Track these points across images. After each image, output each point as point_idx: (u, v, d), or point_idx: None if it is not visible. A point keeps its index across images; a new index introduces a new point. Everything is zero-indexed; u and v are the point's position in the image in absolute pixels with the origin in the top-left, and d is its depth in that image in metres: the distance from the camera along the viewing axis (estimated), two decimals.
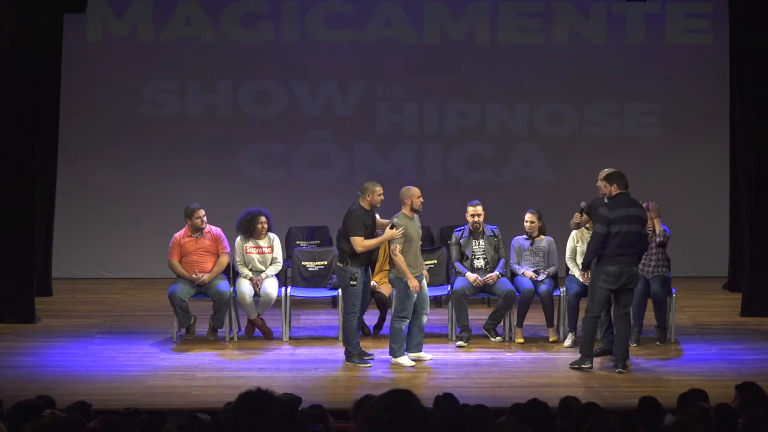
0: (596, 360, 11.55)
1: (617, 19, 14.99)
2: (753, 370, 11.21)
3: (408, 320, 11.64)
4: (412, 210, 11.68)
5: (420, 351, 11.83)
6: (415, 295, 11.58)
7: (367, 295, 11.98)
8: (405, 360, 11.62)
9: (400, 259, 11.52)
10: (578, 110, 15.15)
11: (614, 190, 11.47)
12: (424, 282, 11.84)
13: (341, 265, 11.69)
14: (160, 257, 13.04)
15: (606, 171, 11.75)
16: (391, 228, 11.56)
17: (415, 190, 11.71)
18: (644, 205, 12.05)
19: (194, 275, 12.32)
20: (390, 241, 11.61)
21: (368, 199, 11.70)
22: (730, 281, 14.61)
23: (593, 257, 11.55)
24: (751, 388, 8.16)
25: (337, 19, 14.91)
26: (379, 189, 11.71)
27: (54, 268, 14.28)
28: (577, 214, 12.31)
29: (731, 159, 14.56)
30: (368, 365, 11.59)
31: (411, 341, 11.76)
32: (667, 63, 15.06)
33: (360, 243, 11.51)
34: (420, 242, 11.87)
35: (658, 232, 12.25)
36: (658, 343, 12.28)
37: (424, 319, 11.79)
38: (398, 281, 11.58)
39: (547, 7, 14.98)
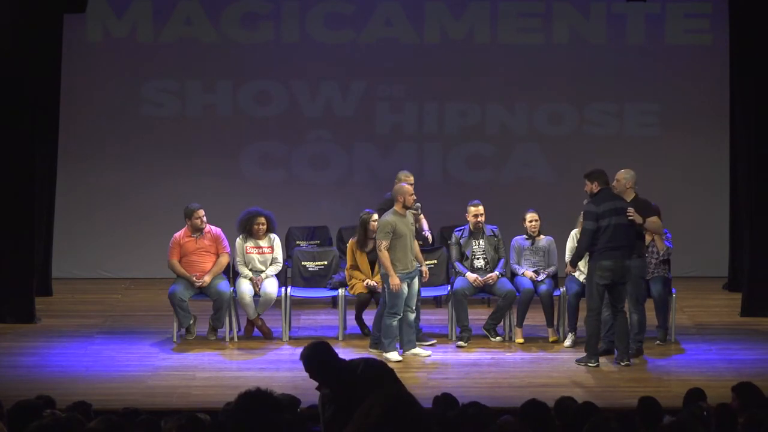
0: (600, 359, 11.58)
1: (617, 19, 14.99)
2: (753, 370, 11.21)
3: (399, 316, 11.68)
4: (404, 207, 11.71)
5: (413, 348, 11.86)
6: (405, 291, 11.62)
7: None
8: (393, 356, 11.67)
9: (384, 255, 11.58)
10: (578, 110, 15.15)
11: (595, 187, 11.55)
12: (416, 280, 11.88)
13: None
14: (160, 257, 13.04)
15: (624, 172, 11.83)
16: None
17: (408, 188, 11.77)
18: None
19: (195, 278, 12.32)
20: (376, 238, 11.67)
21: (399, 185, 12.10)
22: (730, 281, 14.61)
23: (583, 254, 11.66)
24: (748, 388, 8.14)
25: (337, 19, 14.91)
26: (411, 178, 12.33)
27: (54, 268, 14.29)
28: None
29: (731, 159, 14.56)
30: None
31: (402, 339, 11.80)
32: (667, 63, 15.06)
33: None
34: (414, 240, 11.94)
35: (661, 249, 12.18)
36: (658, 342, 12.27)
37: (411, 316, 11.81)
38: (387, 277, 11.62)
39: (547, 7, 14.98)
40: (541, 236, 12.67)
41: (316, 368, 7.46)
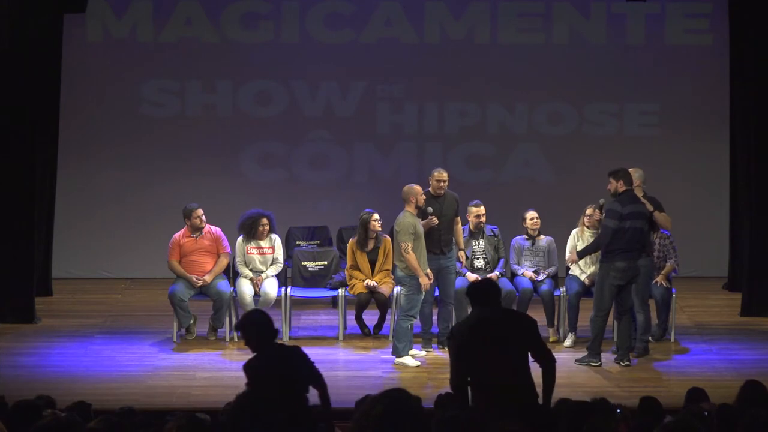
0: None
1: (617, 19, 14.99)
2: (753, 370, 11.20)
3: (416, 319, 11.65)
4: (417, 208, 11.70)
5: (410, 349, 11.83)
6: (424, 294, 11.60)
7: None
8: (409, 360, 11.63)
9: (411, 257, 11.50)
10: (578, 110, 15.14)
11: (620, 186, 11.49)
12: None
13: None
14: (160, 257, 13.04)
15: (633, 170, 11.84)
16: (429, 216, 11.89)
17: (418, 188, 11.76)
18: None
19: (195, 279, 12.31)
20: (400, 240, 11.60)
21: (429, 183, 12.10)
22: (730, 281, 14.60)
23: (595, 251, 11.69)
24: (755, 387, 8.10)
25: (337, 19, 14.91)
26: (437, 174, 12.11)
27: (54, 268, 14.28)
28: (598, 211, 12.10)
29: (731, 159, 14.56)
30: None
31: None
32: (667, 63, 15.06)
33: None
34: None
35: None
36: (649, 339, 12.18)
37: (412, 320, 11.78)
38: (408, 279, 11.55)
39: (547, 7, 14.98)
40: (541, 236, 12.67)
41: None
